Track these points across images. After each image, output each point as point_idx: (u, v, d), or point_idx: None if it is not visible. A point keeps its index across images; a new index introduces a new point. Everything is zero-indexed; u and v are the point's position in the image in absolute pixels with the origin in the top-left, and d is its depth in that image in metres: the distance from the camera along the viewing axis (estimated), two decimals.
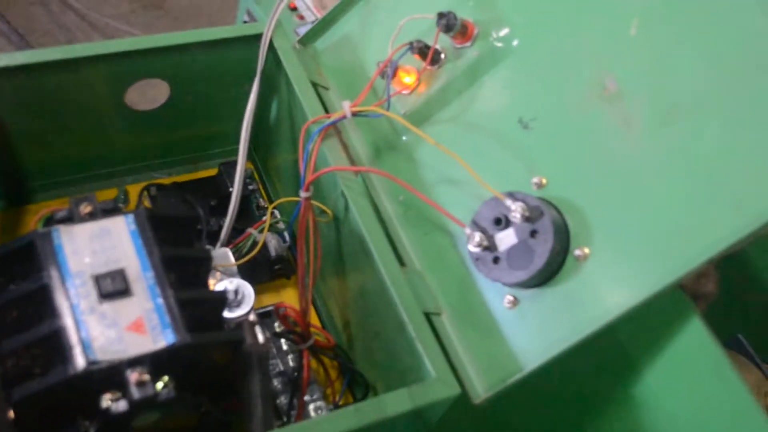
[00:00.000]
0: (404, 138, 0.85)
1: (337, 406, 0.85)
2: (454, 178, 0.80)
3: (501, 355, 0.73)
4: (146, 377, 0.64)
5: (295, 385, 0.83)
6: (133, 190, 0.96)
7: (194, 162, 1.01)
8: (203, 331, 0.69)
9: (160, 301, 0.67)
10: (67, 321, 0.65)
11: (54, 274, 0.67)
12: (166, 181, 0.98)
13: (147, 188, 0.95)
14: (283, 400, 0.83)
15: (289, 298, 0.93)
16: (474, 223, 0.74)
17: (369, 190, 0.84)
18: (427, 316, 0.75)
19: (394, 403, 0.68)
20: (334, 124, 0.82)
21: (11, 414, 0.64)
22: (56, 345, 0.64)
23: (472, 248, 0.74)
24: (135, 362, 0.64)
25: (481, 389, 0.73)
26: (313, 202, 0.81)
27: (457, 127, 0.81)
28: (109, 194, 0.96)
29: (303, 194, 0.79)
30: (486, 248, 0.73)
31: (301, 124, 0.86)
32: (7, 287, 0.68)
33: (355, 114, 0.80)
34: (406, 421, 0.70)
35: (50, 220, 0.73)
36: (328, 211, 0.84)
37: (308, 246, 0.82)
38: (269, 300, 0.92)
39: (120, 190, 0.96)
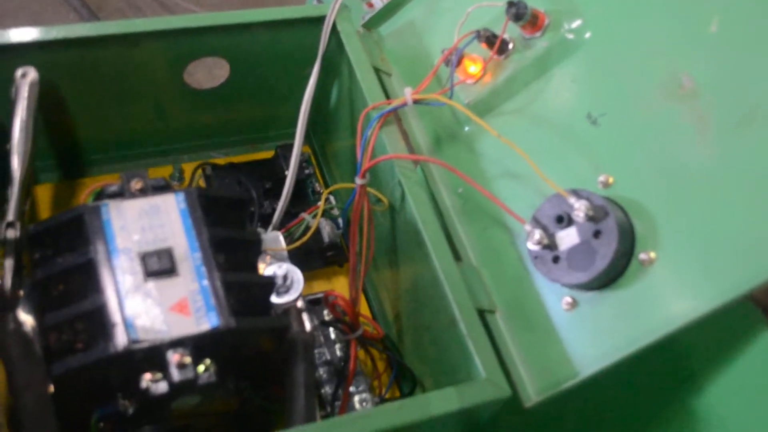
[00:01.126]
0: (466, 128, 0.82)
1: (383, 400, 0.83)
2: (516, 172, 0.77)
3: (555, 359, 0.70)
4: (188, 360, 0.63)
5: (341, 375, 0.81)
6: (189, 168, 0.95)
7: (251, 143, 0.99)
8: (248, 316, 0.67)
9: (206, 282, 0.66)
10: (111, 298, 0.63)
11: (100, 249, 0.65)
12: (221, 161, 0.96)
13: (202, 167, 0.93)
14: (327, 390, 0.81)
15: (340, 285, 0.91)
16: (535, 220, 0.71)
17: (427, 180, 0.81)
18: (481, 313, 0.72)
19: (441, 402, 0.65)
20: (394, 111, 0.79)
21: (51, 388, 0.63)
22: (99, 321, 0.63)
23: (532, 246, 0.71)
24: (177, 344, 0.63)
25: (532, 392, 0.70)
26: (369, 190, 0.79)
27: (522, 120, 0.78)
28: (164, 171, 0.95)
29: (359, 181, 0.77)
30: (546, 247, 0.70)
31: (361, 109, 0.83)
32: (54, 260, 0.67)
33: (416, 101, 0.78)
34: (452, 420, 0.67)
35: (101, 195, 0.71)
36: (384, 200, 0.81)
37: (362, 234, 0.79)
38: (320, 287, 0.90)
39: (175, 167, 0.94)
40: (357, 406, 0.81)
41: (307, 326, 0.73)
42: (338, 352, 0.84)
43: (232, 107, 0.94)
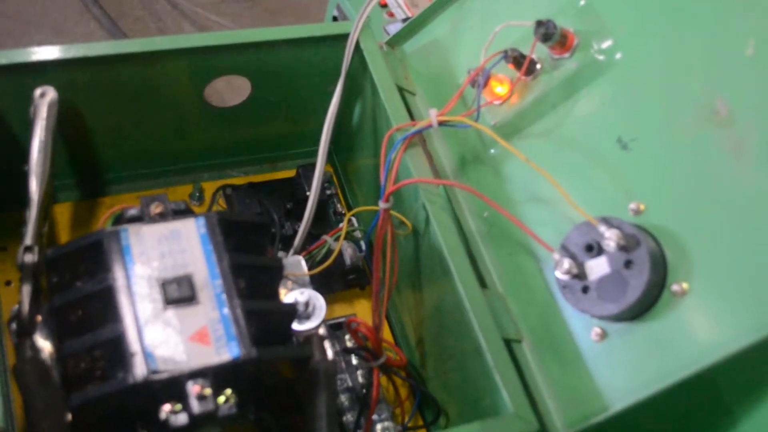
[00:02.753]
0: (492, 151, 0.81)
1: (405, 428, 0.81)
2: (544, 197, 0.75)
3: (584, 391, 0.68)
4: (208, 391, 0.61)
5: (364, 402, 0.79)
6: (209, 187, 0.94)
7: (272, 162, 0.98)
8: (270, 344, 0.66)
9: (227, 311, 0.64)
10: (130, 326, 0.62)
11: (119, 275, 0.64)
12: (242, 180, 0.95)
13: (222, 188, 0.92)
14: (349, 417, 0.79)
15: (361, 309, 0.89)
16: (563, 248, 0.69)
17: (452, 203, 0.80)
18: (507, 342, 0.71)
19: None
20: (419, 132, 0.78)
21: (69, 416, 0.62)
22: (117, 350, 0.61)
23: (560, 275, 0.69)
24: (197, 374, 0.61)
25: (560, 426, 0.68)
26: (393, 213, 0.77)
27: (550, 143, 0.77)
28: (184, 190, 0.94)
29: (382, 205, 0.75)
30: (575, 276, 0.68)
31: (385, 129, 0.82)
32: (73, 285, 0.66)
33: (442, 123, 0.76)
34: None
35: (120, 218, 0.70)
36: (408, 224, 0.79)
37: (384, 259, 0.77)
38: (341, 310, 0.88)
39: (195, 186, 0.93)
40: None
41: (330, 354, 0.71)
42: (360, 379, 0.82)
43: (252, 125, 0.93)
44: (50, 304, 0.65)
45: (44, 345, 0.65)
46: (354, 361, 0.83)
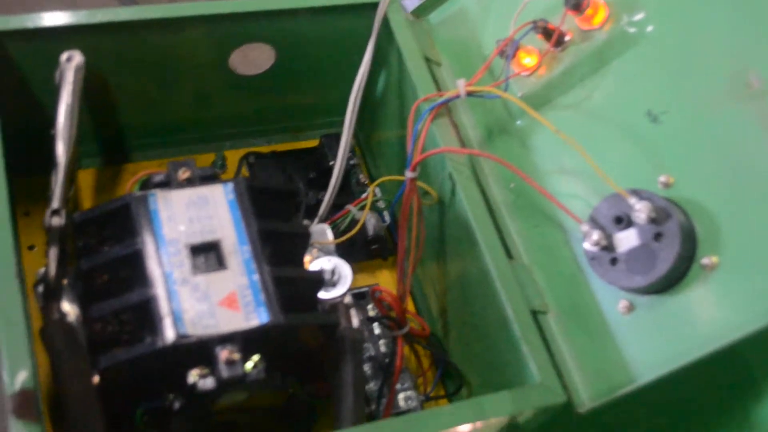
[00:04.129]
0: (519, 122, 0.80)
1: (428, 398, 0.81)
2: (572, 169, 0.74)
3: (611, 363, 0.68)
4: (236, 356, 0.61)
5: (387, 371, 0.79)
6: (231, 156, 0.93)
7: (294, 132, 0.97)
8: (297, 312, 0.66)
9: (256, 277, 0.64)
10: (159, 290, 0.62)
11: (148, 240, 0.64)
12: (264, 149, 0.95)
13: (246, 156, 0.92)
14: (372, 386, 0.79)
15: (384, 279, 0.89)
16: (592, 220, 0.69)
17: (478, 174, 0.79)
18: (533, 314, 0.70)
19: (495, 406, 0.63)
20: (446, 103, 0.77)
21: (96, 379, 0.62)
22: (146, 314, 0.62)
23: (589, 247, 0.69)
24: (226, 339, 0.61)
25: (586, 397, 0.68)
26: (419, 183, 0.77)
27: (579, 115, 0.76)
28: (206, 159, 0.93)
29: (409, 174, 0.75)
30: (604, 248, 0.68)
31: (411, 100, 0.81)
32: (100, 249, 0.66)
33: (470, 94, 0.76)
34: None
35: (147, 184, 0.70)
36: (433, 194, 0.79)
37: (410, 229, 0.77)
38: (363, 280, 0.88)
39: (218, 155, 0.93)
40: (402, 403, 0.79)
41: (355, 322, 0.71)
42: (383, 348, 0.82)
43: (277, 94, 0.92)
44: (77, 268, 0.65)
45: (70, 309, 0.65)
46: (377, 330, 0.83)
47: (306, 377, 0.70)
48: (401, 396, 0.79)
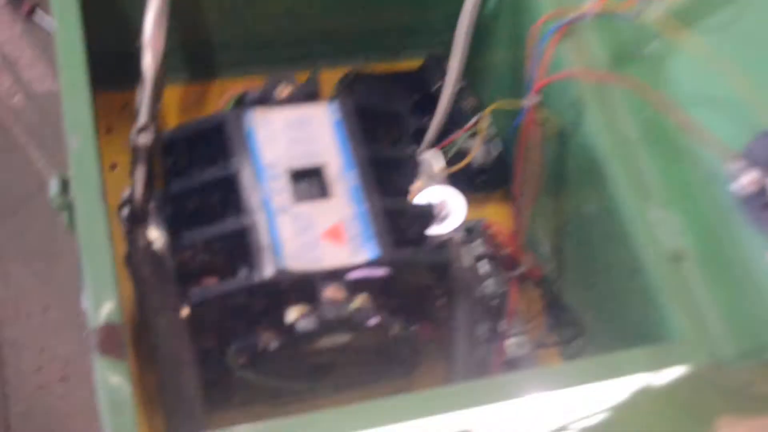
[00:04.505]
0: (653, 46, 0.70)
1: (540, 344, 0.74)
2: (717, 99, 0.65)
3: (759, 319, 0.60)
4: (341, 295, 0.54)
5: (496, 314, 0.71)
6: (326, 77, 0.85)
7: (394, 52, 0.89)
8: (406, 247, 0.59)
9: (364, 207, 0.57)
10: (258, 218, 0.55)
11: (244, 162, 0.57)
12: (362, 69, 0.87)
13: (345, 76, 0.84)
14: (479, 329, 0.72)
15: (491, 213, 0.81)
16: (745, 158, 0.60)
17: (605, 103, 0.70)
18: (671, 260, 0.62)
19: (630, 364, 0.56)
20: (572, 22, 0.68)
21: (185, 311, 0.56)
22: (242, 245, 0.55)
23: (739, 188, 0.60)
24: (330, 276, 0.55)
25: (732, 354, 0.60)
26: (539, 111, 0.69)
27: (727, 37, 0.66)
28: (298, 77, 0.86)
29: (529, 100, 0.67)
30: (757, 192, 0.59)
31: (527, 18, 0.72)
32: (191, 171, 0.59)
33: (601, 13, 0.66)
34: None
35: (242, 101, 0.63)
36: (555, 122, 0.71)
37: (528, 160, 0.69)
38: (469, 214, 0.80)
39: (312, 74, 0.85)
40: (512, 350, 0.72)
41: (467, 261, 0.64)
42: (491, 287, 0.74)
43: (377, 11, 0.84)
44: (166, 191, 0.59)
45: (158, 235, 0.59)
46: (483, 268, 0.75)
47: (412, 319, 0.64)
48: (512, 341, 0.72)
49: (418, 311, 0.64)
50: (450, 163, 0.74)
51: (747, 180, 0.59)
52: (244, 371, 0.58)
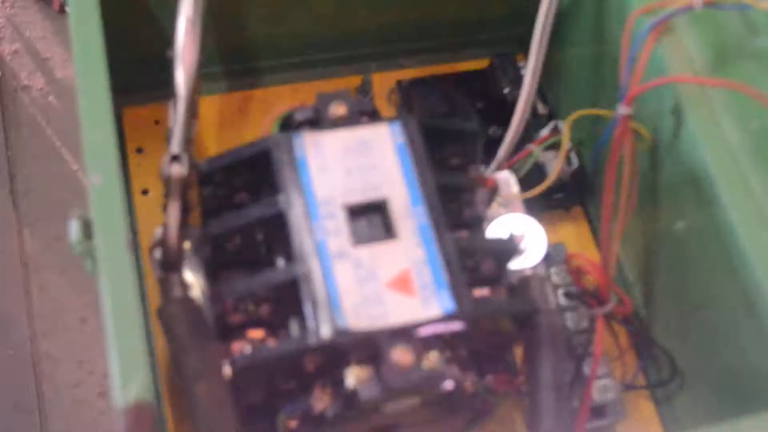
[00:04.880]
0: (766, 41, 0.61)
1: (627, 387, 0.65)
2: None
3: None
4: (409, 357, 0.46)
5: (580, 356, 0.63)
6: (378, 79, 0.77)
7: (452, 51, 0.80)
8: (482, 287, 0.50)
9: (435, 249, 0.48)
10: (311, 266, 0.47)
11: (295, 197, 0.49)
12: (416, 72, 0.78)
13: (399, 83, 0.75)
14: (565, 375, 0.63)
15: (566, 235, 0.72)
16: None
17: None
18: None
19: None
20: (673, 16, 0.59)
21: (227, 372, 0.48)
22: (293, 298, 0.47)
23: None
24: (397, 334, 0.46)
25: None
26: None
27: None
28: (348, 83, 0.77)
29: (622, 110, 0.57)
30: None
31: (615, 10, 0.63)
32: (232, 207, 0.51)
33: (708, 3, 0.57)
34: None
35: (288, 121, 0.55)
36: (647, 135, 0.61)
37: (620, 178, 0.60)
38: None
39: (364, 79, 0.76)
40: (595, 395, 0.63)
41: (552, 301, 0.55)
42: (569, 324, 0.65)
43: (431, 4, 0.75)
44: (203, 230, 0.51)
45: (194, 280, 0.51)
46: (560, 300, 0.66)
47: (487, 370, 0.55)
48: (595, 384, 0.63)
49: (494, 360, 0.56)
50: (522, 182, 0.65)
51: None
52: None
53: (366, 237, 0.48)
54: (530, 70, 0.64)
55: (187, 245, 0.51)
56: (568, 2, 0.71)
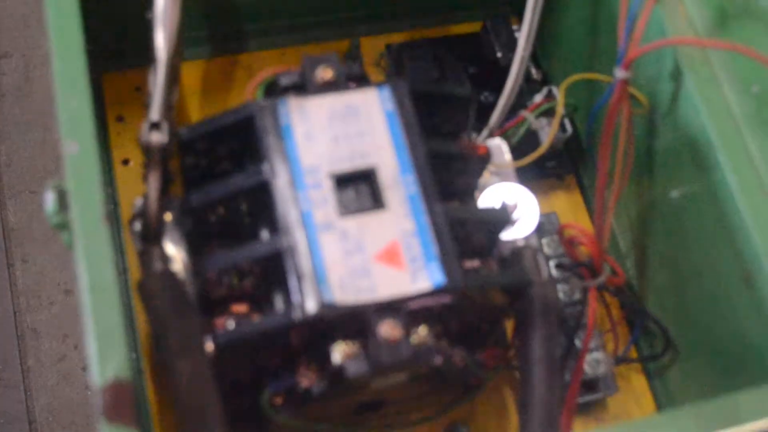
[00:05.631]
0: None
1: (619, 360, 0.64)
2: None
3: None
4: (398, 332, 0.44)
5: (572, 329, 0.61)
6: (367, 43, 0.75)
7: (443, 13, 0.77)
8: (473, 259, 0.48)
9: (425, 219, 0.47)
10: (297, 238, 0.45)
11: (279, 166, 0.47)
12: (406, 35, 0.75)
13: (388, 47, 0.73)
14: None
15: (560, 205, 0.70)
16: None
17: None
18: None
19: (754, 408, 0.45)
20: None
21: (210, 348, 0.46)
22: (278, 272, 0.45)
23: None
24: (385, 308, 0.45)
25: None
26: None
27: None
28: (335, 47, 0.75)
29: (620, 74, 0.55)
30: None
31: None
32: (214, 177, 0.49)
33: None
34: None
35: (273, 88, 0.52)
36: (644, 100, 0.60)
37: (615, 145, 0.58)
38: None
39: (352, 43, 0.74)
40: (587, 368, 0.61)
41: (545, 273, 0.54)
42: (561, 296, 0.64)
43: None
44: (185, 201, 0.49)
45: (176, 252, 0.49)
46: (555, 272, 0.65)
47: (477, 345, 0.54)
48: (587, 358, 0.62)
49: (486, 337, 0.54)
50: (515, 150, 0.63)
51: None
52: (279, 414, 0.49)
53: (353, 207, 0.47)
54: (524, 33, 0.61)
55: (168, 217, 0.49)
56: None
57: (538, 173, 0.69)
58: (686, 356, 0.62)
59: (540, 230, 0.65)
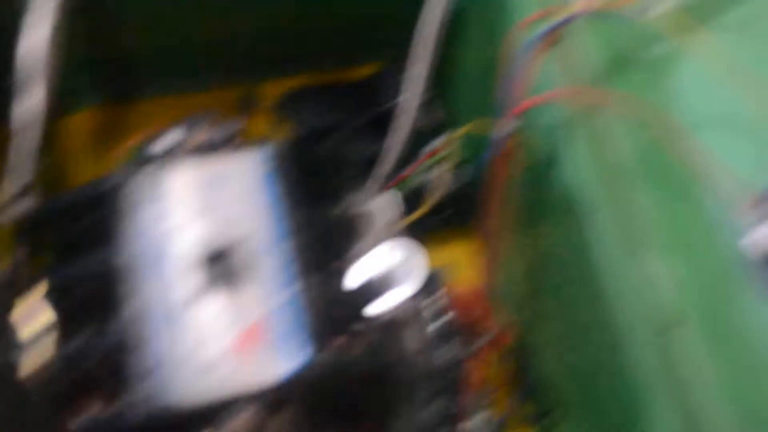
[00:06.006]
0: (656, 51, 0.58)
1: (503, 422, 0.63)
2: (735, 120, 0.53)
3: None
4: (253, 423, 0.43)
5: (450, 389, 0.59)
6: (272, 87, 0.73)
7: (341, 59, 0.76)
8: (337, 336, 0.47)
9: (291, 296, 0.45)
10: (140, 328, 0.44)
11: (130, 248, 0.45)
12: (301, 81, 0.74)
13: (283, 95, 0.71)
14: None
15: (459, 252, 0.69)
16: (765, 201, 0.48)
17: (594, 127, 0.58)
18: (663, 331, 0.51)
19: None
20: (560, 26, 0.56)
21: None
22: (126, 361, 0.44)
23: (754, 244, 0.48)
24: (245, 399, 0.43)
25: None
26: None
27: (749, 41, 0.54)
28: (232, 94, 0.73)
29: (507, 125, 0.54)
30: None
31: (503, 21, 0.60)
32: (77, 254, 0.48)
33: (596, 11, 0.54)
34: None
35: (144, 152, 0.51)
36: (528, 153, 0.59)
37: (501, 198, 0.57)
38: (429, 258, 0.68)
39: (247, 91, 0.73)
40: (473, 430, 0.60)
41: (424, 339, 0.53)
42: (448, 355, 0.62)
43: (316, 9, 0.71)
44: (48, 282, 0.47)
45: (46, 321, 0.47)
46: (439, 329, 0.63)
47: (347, 422, 0.52)
48: (473, 419, 0.60)
49: (356, 412, 0.53)
50: (408, 201, 0.62)
51: (765, 234, 0.47)
52: None
53: (212, 288, 0.45)
54: (412, 81, 0.60)
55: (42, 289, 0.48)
56: (455, 10, 0.68)
57: (439, 222, 0.68)
58: (574, 415, 0.61)
59: (429, 286, 0.63)
